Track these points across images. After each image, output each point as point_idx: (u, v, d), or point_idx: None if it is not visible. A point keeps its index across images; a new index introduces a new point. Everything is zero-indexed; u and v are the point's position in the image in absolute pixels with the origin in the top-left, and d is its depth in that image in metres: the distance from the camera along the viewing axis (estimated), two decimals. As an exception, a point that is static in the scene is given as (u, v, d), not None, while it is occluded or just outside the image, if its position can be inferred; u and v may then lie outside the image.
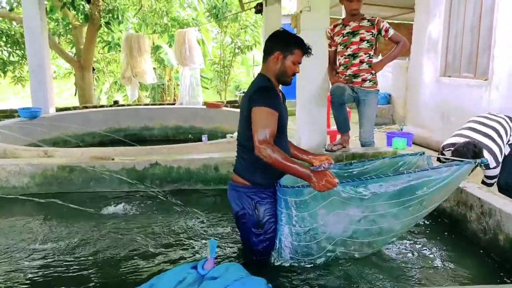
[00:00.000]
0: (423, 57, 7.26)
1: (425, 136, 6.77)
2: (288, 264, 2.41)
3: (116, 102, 10.75)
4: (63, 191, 3.84)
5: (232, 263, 1.59)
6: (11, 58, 11.58)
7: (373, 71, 4.07)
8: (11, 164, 3.89)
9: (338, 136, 4.50)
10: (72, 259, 2.65)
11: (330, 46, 4.22)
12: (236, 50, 12.18)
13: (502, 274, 2.34)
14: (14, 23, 11.34)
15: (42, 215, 3.40)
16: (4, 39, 11.18)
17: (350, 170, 2.64)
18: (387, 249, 2.66)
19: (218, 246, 1.86)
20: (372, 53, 4.05)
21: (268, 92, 2.33)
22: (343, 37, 4.04)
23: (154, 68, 12.29)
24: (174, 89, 14.00)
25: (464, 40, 6.31)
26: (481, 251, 2.60)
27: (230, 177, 3.92)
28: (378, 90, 4.18)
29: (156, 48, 12.92)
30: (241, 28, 11.87)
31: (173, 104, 9.89)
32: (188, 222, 3.20)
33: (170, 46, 12.01)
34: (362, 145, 4.27)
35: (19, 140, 5.47)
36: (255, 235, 2.36)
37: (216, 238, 2.83)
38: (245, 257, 2.50)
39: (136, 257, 2.65)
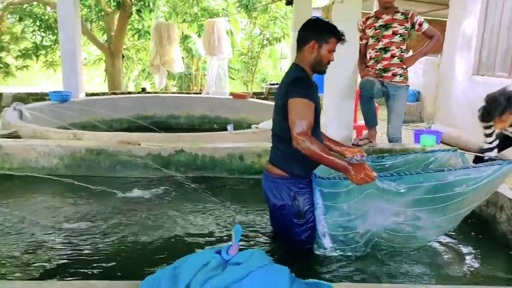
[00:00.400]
0: (456, 54, 7.06)
1: (455, 135, 6.61)
2: (326, 253, 2.41)
3: (144, 90, 10.87)
4: (90, 173, 3.91)
5: (256, 250, 1.59)
6: (44, 43, 11.85)
7: (404, 66, 3.98)
8: (41, 145, 3.99)
9: (364, 131, 4.44)
10: (96, 240, 2.70)
11: (361, 39, 4.15)
12: (265, 42, 12.12)
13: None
14: (48, 7, 11.59)
15: (69, 196, 3.48)
16: (37, 23, 11.44)
17: (383, 163, 2.62)
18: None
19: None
20: (404, 47, 3.96)
21: (303, 82, 2.32)
22: (375, 30, 3.96)
23: (182, 58, 12.36)
24: (201, 78, 14.07)
25: (500, 38, 6.11)
26: (511, 253, 2.53)
27: (254, 167, 3.96)
28: (408, 86, 4.10)
29: (184, 38, 12.98)
30: (271, 20, 11.78)
31: (200, 93, 9.95)
32: (211, 209, 3.22)
33: (199, 36, 12.05)
34: (389, 141, 4.20)
35: (49, 123, 5.59)
36: (297, 225, 2.38)
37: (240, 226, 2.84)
38: (287, 247, 2.49)
39: (159, 240, 2.68)
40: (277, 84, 10.71)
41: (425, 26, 3.85)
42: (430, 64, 8.94)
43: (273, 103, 6.75)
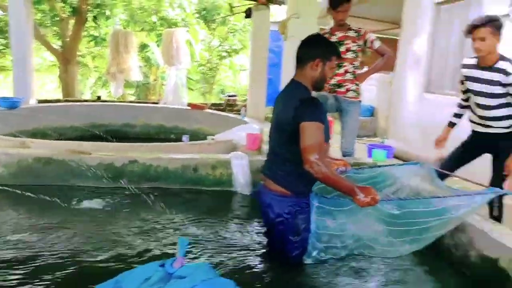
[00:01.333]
0: (407, 72, 7.36)
1: (405, 150, 6.85)
2: (313, 261, 2.51)
3: (99, 98, 10.62)
4: (38, 183, 3.74)
5: (201, 263, 1.57)
6: (-6, 46, 11.38)
7: (357, 82, 4.09)
8: (-15, 152, 3.80)
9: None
10: (42, 251, 2.58)
11: None
12: (223, 54, 12.16)
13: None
14: (0, 10, 11.15)
15: (16, 206, 3.32)
16: (-12, 26, 10.98)
17: (362, 174, 2.83)
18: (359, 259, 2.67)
19: (189, 245, 1.84)
20: (357, 63, 4.08)
21: (313, 103, 2.35)
22: None
23: (140, 66, 12.19)
24: (159, 88, 13.90)
25: (448, 57, 6.42)
26: (453, 267, 2.61)
27: (209, 178, 3.94)
28: (360, 101, 4.21)
29: (143, 47, 12.83)
30: (229, 32, 11.86)
31: (157, 103, 9.82)
32: (162, 221, 3.16)
33: (158, 45, 11.95)
34: (343, 155, 4.29)
35: (-4, 129, 5.35)
36: (291, 242, 2.42)
37: (189, 238, 2.80)
38: (280, 261, 2.54)
39: (105, 253, 2.59)
40: (235, 95, 10.77)
41: (377, 44, 3.98)
42: (383, 81, 9.26)
43: (231, 115, 6.78)
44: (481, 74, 3.20)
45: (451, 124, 3.67)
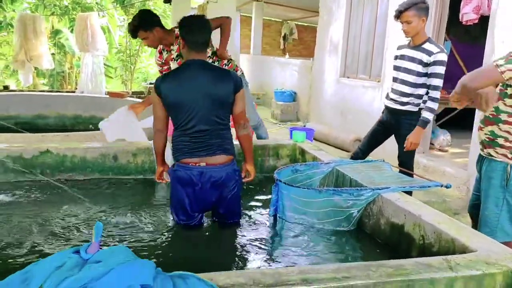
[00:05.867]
0: (325, 58, 7.65)
1: (325, 132, 7.14)
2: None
3: (6, 87, 9.81)
4: None
5: (118, 246, 1.53)
6: None
7: (224, 61, 4.08)
8: None
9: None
10: None
11: None
12: (143, 40, 11.75)
13: (387, 254, 2.52)
14: None
15: None
16: None
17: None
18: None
19: (104, 230, 1.78)
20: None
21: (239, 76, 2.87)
22: None
23: (53, 54, 11.42)
24: (76, 77, 13.14)
25: (361, 44, 6.76)
26: (367, 235, 2.78)
27: (130, 166, 3.82)
28: (242, 73, 4.20)
29: (56, 33, 12.04)
30: (149, 17, 11.47)
31: (73, 92, 9.30)
32: (80, 211, 3.02)
33: (72, 31, 11.26)
34: (257, 136, 4.40)
35: None
36: (239, 197, 2.81)
37: (109, 226, 2.72)
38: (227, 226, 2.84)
39: (19, 245, 2.44)
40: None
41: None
42: (304, 67, 9.54)
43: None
44: (409, 52, 3.49)
45: None
